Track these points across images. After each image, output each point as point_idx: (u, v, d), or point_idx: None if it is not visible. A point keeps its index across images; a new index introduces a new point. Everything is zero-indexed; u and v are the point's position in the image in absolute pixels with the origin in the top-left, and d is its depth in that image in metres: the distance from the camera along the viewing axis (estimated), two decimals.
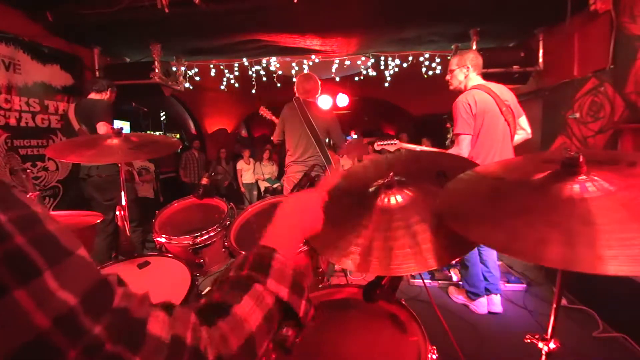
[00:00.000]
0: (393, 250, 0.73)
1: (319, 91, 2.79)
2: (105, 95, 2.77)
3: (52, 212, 1.47)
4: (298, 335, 0.51)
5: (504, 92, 2.23)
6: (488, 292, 2.39)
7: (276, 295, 0.47)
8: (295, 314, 0.49)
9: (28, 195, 1.32)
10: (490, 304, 2.38)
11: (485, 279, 2.38)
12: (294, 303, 0.49)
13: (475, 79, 2.29)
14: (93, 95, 2.75)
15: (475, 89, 2.20)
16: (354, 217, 0.84)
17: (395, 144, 2.85)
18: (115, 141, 1.42)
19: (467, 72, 2.28)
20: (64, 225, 0.34)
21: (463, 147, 2.17)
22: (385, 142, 2.92)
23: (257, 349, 0.43)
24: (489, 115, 2.16)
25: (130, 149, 1.41)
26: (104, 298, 0.34)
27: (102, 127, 2.45)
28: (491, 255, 2.39)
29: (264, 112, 3.28)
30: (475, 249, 2.31)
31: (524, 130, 2.32)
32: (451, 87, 2.39)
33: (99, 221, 1.56)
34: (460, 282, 2.67)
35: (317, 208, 0.71)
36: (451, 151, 2.27)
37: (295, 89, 2.77)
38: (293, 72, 4.48)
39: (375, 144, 3.06)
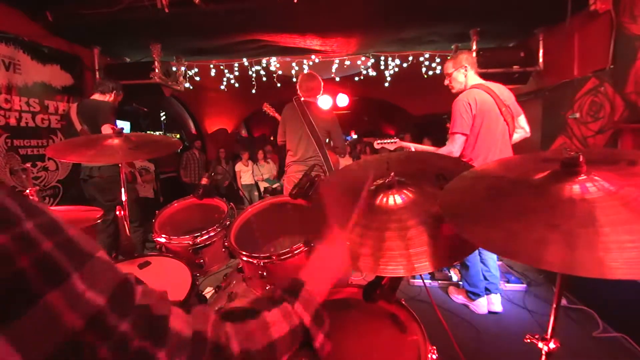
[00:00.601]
0: (385, 250, 0.73)
1: (321, 91, 2.79)
2: (109, 97, 2.77)
3: (53, 207, 1.47)
4: None
5: (503, 91, 2.23)
6: (488, 291, 2.39)
7: (301, 318, 0.50)
8: (311, 343, 0.51)
9: (27, 191, 1.33)
10: (490, 303, 2.38)
11: (485, 278, 2.38)
12: (313, 332, 0.51)
13: (474, 78, 2.29)
14: (97, 96, 2.75)
15: (475, 88, 2.20)
16: (350, 213, 0.84)
17: (394, 142, 2.85)
18: (115, 141, 1.42)
19: (466, 72, 2.28)
20: (81, 231, 0.35)
21: (456, 146, 2.17)
22: (384, 141, 2.91)
23: (277, 357, 0.45)
24: (488, 116, 2.15)
25: (130, 149, 1.42)
26: (127, 296, 0.35)
27: (107, 129, 2.45)
28: (491, 255, 2.39)
29: (268, 108, 3.27)
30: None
31: (522, 129, 2.32)
32: (453, 91, 2.37)
33: (99, 220, 1.56)
34: (460, 282, 2.67)
35: (347, 260, 0.72)
36: (443, 149, 2.26)
37: (297, 87, 2.77)
38: (293, 72, 4.48)
39: (375, 143, 3.06)
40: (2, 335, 0.26)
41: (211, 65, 4.41)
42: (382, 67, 4.35)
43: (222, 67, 4.45)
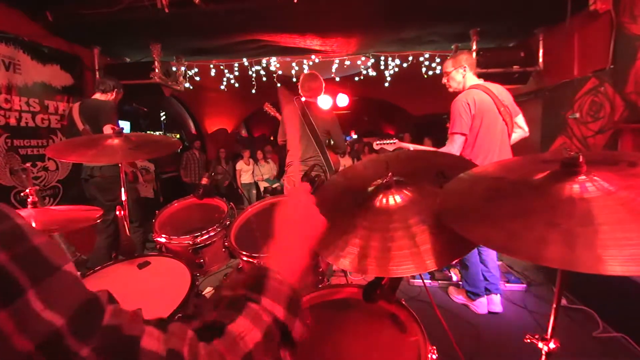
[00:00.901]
0: (391, 251, 0.73)
1: (322, 91, 2.79)
2: (110, 96, 2.77)
3: (53, 207, 1.46)
4: (293, 356, 0.50)
5: (501, 91, 2.24)
6: (488, 292, 2.39)
7: (273, 314, 0.45)
8: (289, 334, 0.47)
9: (27, 190, 1.31)
10: (490, 303, 2.38)
11: (485, 278, 2.38)
12: (289, 323, 0.47)
13: (473, 79, 2.30)
14: (98, 96, 2.75)
15: (474, 89, 2.20)
16: (351, 216, 0.84)
17: (394, 143, 2.85)
18: (115, 141, 1.43)
19: (464, 72, 2.29)
20: (51, 238, 0.33)
21: (456, 147, 2.18)
22: (384, 142, 2.92)
23: None
24: (487, 116, 2.16)
25: (130, 149, 1.42)
26: (93, 316, 0.32)
27: (109, 129, 2.45)
28: (491, 255, 2.39)
29: (269, 108, 3.27)
30: (475, 249, 2.31)
31: (521, 128, 2.33)
32: (450, 89, 2.39)
33: (99, 220, 1.56)
34: (460, 282, 2.67)
35: (312, 210, 0.63)
36: (442, 149, 2.27)
37: (299, 87, 2.77)
38: (293, 72, 4.49)
39: (374, 143, 3.06)
40: None
41: (211, 65, 4.41)
42: (382, 67, 4.35)
43: (222, 67, 4.45)
